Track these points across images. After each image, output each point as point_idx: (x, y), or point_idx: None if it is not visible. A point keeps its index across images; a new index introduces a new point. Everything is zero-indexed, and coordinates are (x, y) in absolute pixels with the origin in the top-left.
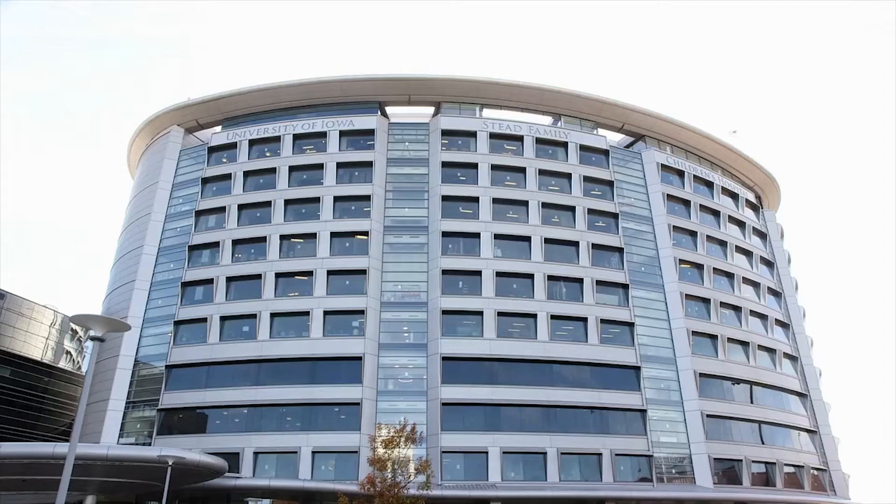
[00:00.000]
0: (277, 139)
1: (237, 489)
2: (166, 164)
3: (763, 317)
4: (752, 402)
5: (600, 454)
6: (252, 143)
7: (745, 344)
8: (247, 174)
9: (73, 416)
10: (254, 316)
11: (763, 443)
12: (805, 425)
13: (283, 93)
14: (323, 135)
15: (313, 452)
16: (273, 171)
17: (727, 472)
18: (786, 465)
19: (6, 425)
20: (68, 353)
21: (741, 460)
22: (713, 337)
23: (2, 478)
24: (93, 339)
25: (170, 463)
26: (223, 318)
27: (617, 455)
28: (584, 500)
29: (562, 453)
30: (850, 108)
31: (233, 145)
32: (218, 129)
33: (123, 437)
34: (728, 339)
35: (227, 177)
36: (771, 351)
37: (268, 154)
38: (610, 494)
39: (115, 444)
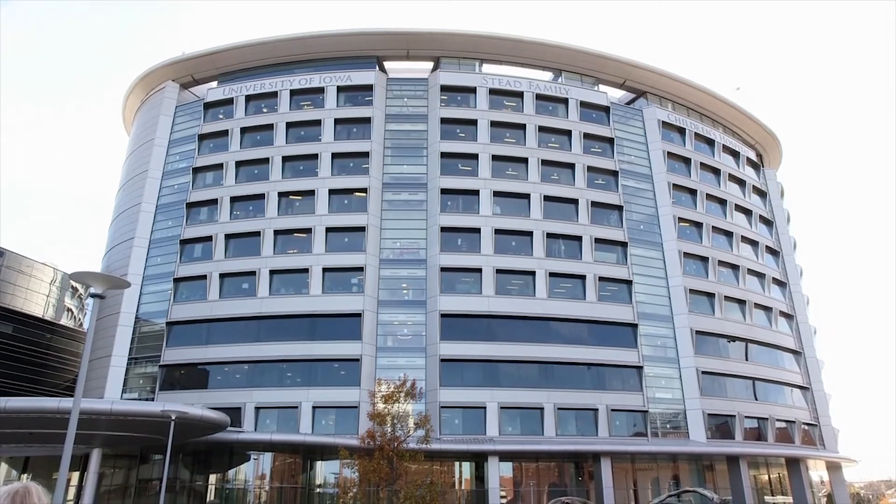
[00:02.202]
0: (274, 95)
1: (239, 443)
2: (162, 120)
3: (760, 275)
4: (746, 360)
5: (596, 409)
6: (249, 98)
7: (741, 302)
8: (244, 130)
9: (76, 371)
10: (253, 273)
11: (756, 399)
12: (798, 382)
13: (280, 47)
14: (320, 90)
15: (314, 407)
16: (270, 127)
17: (720, 427)
18: (777, 420)
19: (11, 381)
20: (69, 310)
21: (734, 416)
22: (710, 295)
23: (10, 431)
24: (93, 296)
25: (172, 418)
26: (222, 276)
27: (613, 410)
28: (580, 453)
29: (559, 408)
30: (853, 66)
31: (229, 101)
32: (214, 84)
33: (126, 392)
34: (725, 297)
35: (224, 133)
36: (767, 309)
37: (265, 110)
38: (605, 448)
39: (119, 399)
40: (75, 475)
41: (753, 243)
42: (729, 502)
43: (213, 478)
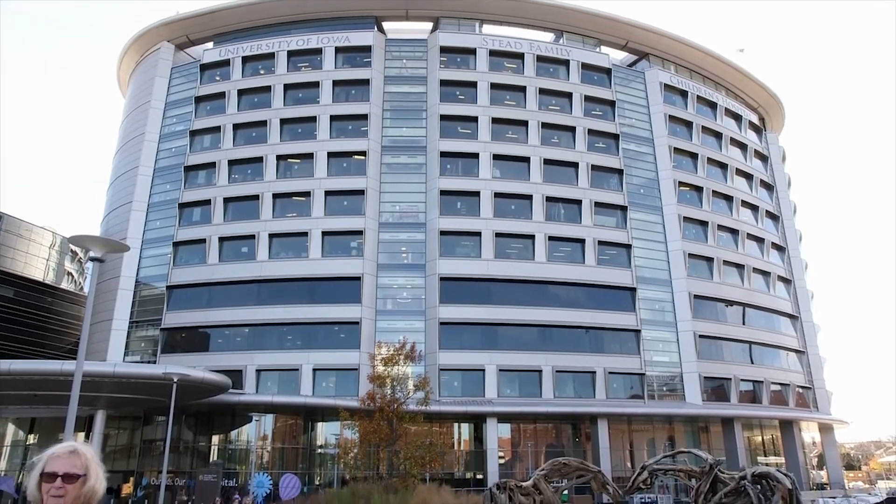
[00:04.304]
0: (271, 56)
1: (241, 404)
2: (158, 82)
3: (760, 240)
4: (744, 324)
5: (594, 372)
6: (245, 60)
7: (740, 266)
8: (241, 92)
9: (78, 335)
10: (252, 237)
11: (752, 362)
12: (794, 346)
13: (277, 7)
14: (318, 51)
15: (314, 370)
16: (268, 89)
17: (716, 389)
18: (773, 383)
19: (14, 343)
20: (70, 274)
21: (730, 378)
22: (709, 259)
23: (15, 393)
24: (92, 259)
25: (174, 380)
26: (222, 239)
27: (610, 373)
28: (578, 415)
29: (556, 371)
30: (857, 29)
31: (225, 62)
32: (210, 45)
33: (129, 355)
34: (724, 261)
35: (221, 95)
36: (765, 274)
37: (262, 72)
38: (602, 410)
39: (121, 362)
40: (81, 436)
41: (753, 208)
42: (722, 463)
43: (215, 438)
